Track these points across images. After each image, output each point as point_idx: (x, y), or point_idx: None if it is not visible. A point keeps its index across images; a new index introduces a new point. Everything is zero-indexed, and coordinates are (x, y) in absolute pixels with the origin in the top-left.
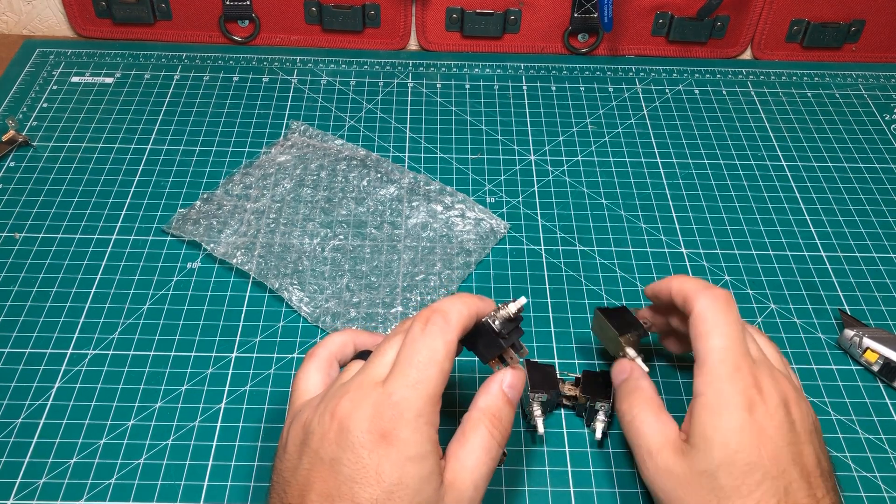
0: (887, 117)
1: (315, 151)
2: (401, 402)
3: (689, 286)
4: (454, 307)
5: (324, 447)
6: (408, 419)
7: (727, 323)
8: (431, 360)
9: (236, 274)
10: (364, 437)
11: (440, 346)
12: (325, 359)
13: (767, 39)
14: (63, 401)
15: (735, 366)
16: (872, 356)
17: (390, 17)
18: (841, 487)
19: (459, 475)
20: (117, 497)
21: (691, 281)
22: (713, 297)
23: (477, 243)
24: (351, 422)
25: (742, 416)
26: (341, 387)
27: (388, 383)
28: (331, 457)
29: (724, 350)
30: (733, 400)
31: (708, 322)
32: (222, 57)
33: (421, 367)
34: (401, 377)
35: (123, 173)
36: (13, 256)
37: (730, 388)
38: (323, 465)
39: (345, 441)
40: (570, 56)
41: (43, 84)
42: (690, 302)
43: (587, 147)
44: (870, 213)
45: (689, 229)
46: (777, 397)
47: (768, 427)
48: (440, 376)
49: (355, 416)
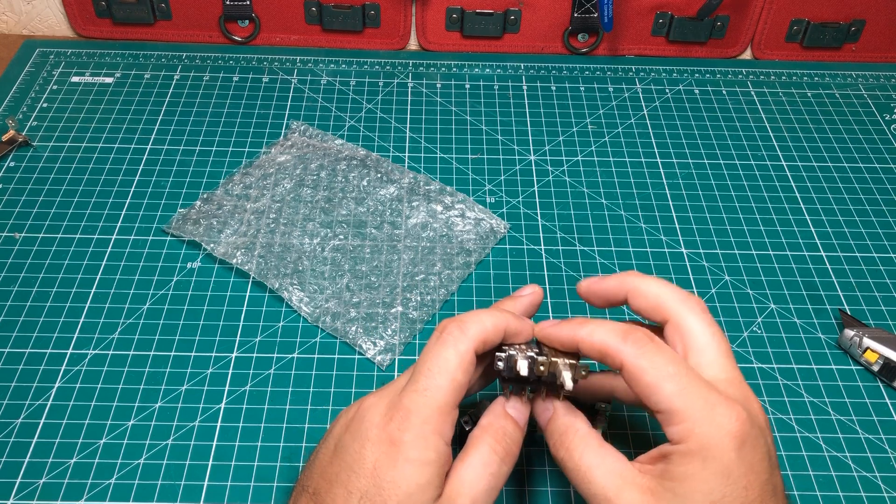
0: (887, 117)
1: (315, 151)
2: (409, 407)
3: (600, 342)
4: (475, 319)
5: (344, 436)
6: (413, 423)
7: (668, 362)
8: (441, 369)
9: (236, 274)
10: (372, 432)
11: (451, 356)
12: None
13: (767, 39)
14: (63, 401)
15: (707, 406)
16: (872, 356)
17: (390, 17)
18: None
19: (456, 489)
20: (117, 497)
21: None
22: (637, 342)
23: (477, 243)
24: (366, 416)
25: (729, 460)
26: (380, 390)
27: (407, 388)
28: (343, 444)
29: (682, 393)
30: (719, 445)
31: (648, 373)
32: (222, 57)
33: (430, 375)
34: (412, 383)
35: (123, 173)
36: (13, 256)
37: (713, 432)
38: (335, 451)
39: (356, 432)
40: (570, 56)
41: (43, 84)
42: (615, 357)
43: (587, 147)
44: (870, 213)
45: (689, 229)
46: (758, 426)
47: (754, 464)
48: (450, 386)
49: (370, 412)
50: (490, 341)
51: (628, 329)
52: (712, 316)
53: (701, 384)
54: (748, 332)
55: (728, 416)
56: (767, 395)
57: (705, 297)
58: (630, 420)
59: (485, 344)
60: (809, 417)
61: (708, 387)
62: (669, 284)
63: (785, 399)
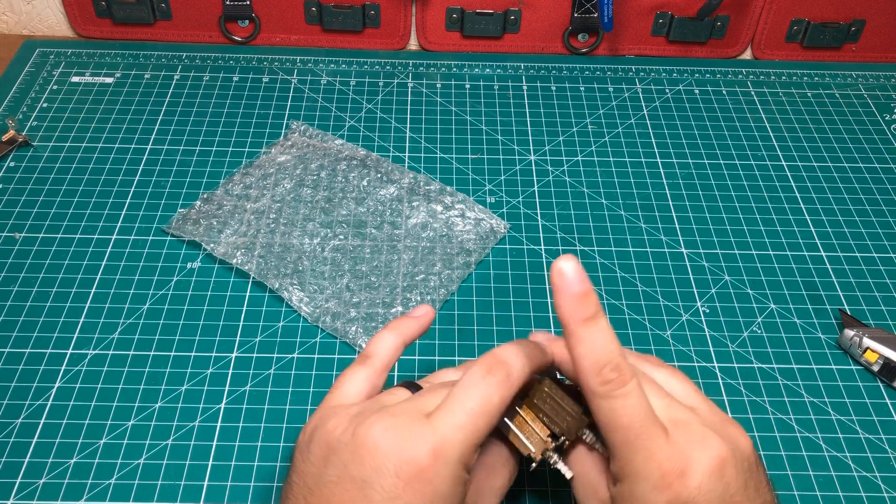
0: (887, 117)
1: (315, 151)
2: (444, 443)
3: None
4: (520, 363)
5: (355, 465)
6: (448, 460)
7: (624, 410)
8: (484, 411)
9: (236, 274)
10: (402, 467)
11: (496, 400)
12: (380, 369)
13: (767, 39)
14: (63, 401)
15: (644, 459)
16: (872, 356)
17: (390, 17)
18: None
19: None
20: (117, 497)
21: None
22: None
23: (477, 243)
24: (390, 449)
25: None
26: (385, 409)
27: (435, 419)
28: (362, 477)
29: (627, 444)
30: (649, 496)
31: (604, 416)
32: (222, 57)
33: (473, 414)
34: (450, 416)
35: (123, 173)
36: (13, 256)
37: (643, 485)
38: (352, 484)
39: (380, 466)
40: (570, 56)
41: (43, 84)
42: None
43: (587, 147)
44: (870, 213)
45: (689, 229)
46: (703, 472)
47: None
48: (487, 428)
49: (395, 445)
50: (528, 378)
51: (609, 365)
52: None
53: (649, 436)
54: (748, 332)
55: (660, 469)
56: (767, 395)
57: (705, 297)
58: None
59: (519, 388)
60: (809, 417)
61: (655, 437)
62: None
63: (785, 399)
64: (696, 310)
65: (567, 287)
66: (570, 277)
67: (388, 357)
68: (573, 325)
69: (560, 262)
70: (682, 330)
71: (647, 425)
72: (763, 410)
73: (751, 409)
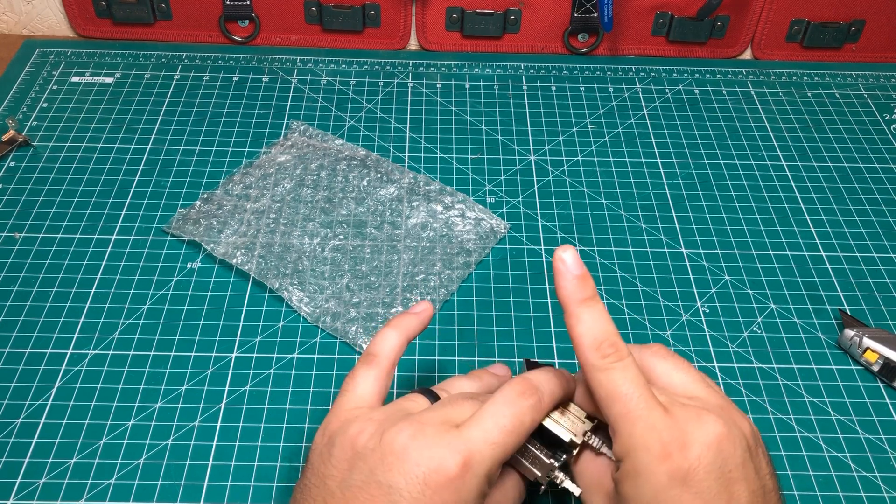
0: (887, 117)
1: (315, 151)
2: (475, 455)
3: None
4: (549, 389)
5: (382, 470)
6: (477, 473)
7: (623, 381)
8: (516, 431)
9: (236, 274)
10: (431, 476)
11: (528, 422)
12: (387, 368)
13: (767, 39)
14: (63, 401)
15: (645, 430)
16: (872, 356)
17: (390, 17)
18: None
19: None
20: (117, 497)
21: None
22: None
23: (477, 243)
24: (420, 455)
25: (662, 483)
26: (412, 416)
27: (468, 430)
28: (388, 483)
29: (626, 416)
30: (648, 469)
31: (602, 388)
32: (222, 57)
33: (505, 432)
34: (482, 431)
35: (123, 173)
36: (13, 256)
37: (645, 457)
38: (379, 489)
39: (410, 473)
40: (570, 56)
41: (43, 84)
42: (579, 357)
43: (587, 147)
44: (870, 213)
45: (689, 229)
46: (700, 447)
47: (694, 484)
48: (515, 448)
49: (426, 452)
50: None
51: (605, 340)
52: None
53: (648, 408)
54: (748, 332)
55: (660, 441)
56: (767, 395)
57: (705, 298)
58: None
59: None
60: (809, 417)
61: (654, 411)
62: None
63: (785, 399)
64: (696, 310)
65: (567, 270)
66: (569, 262)
67: (394, 355)
68: (573, 305)
69: (560, 250)
70: (682, 330)
71: (645, 396)
72: (763, 410)
73: (751, 409)
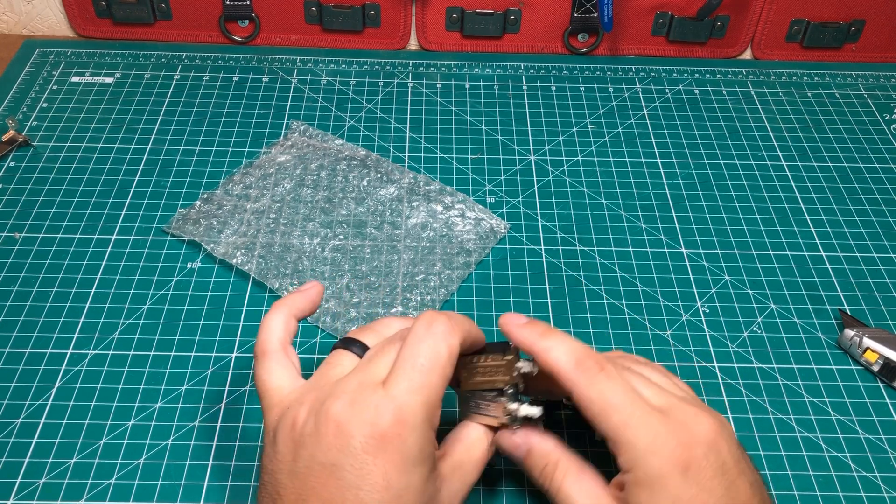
0: (887, 117)
1: (315, 151)
2: (404, 408)
3: (554, 361)
4: (454, 315)
5: (321, 451)
6: (413, 425)
7: (616, 391)
8: (435, 365)
9: (236, 274)
10: (368, 442)
11: (444, 350)
12: (280, 350)
13: (767, 39)
14: (63, 401)
15: (649, 435)
16: (872, 356)
17: (390, 17)
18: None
19: (458, 472)
20: (117, 497)
21: (556, 352)
22: (588, 371)
23: (477, 243)
24: (352, 426)
25: (675, 485)
26: (336, 385)
27: (390, 386)
28: (331, 462)
29: (627, 424)
30: (661, 473)
31: (596, 403)
32: (222, 57)
33: (424, 372)
34: (404, 380)
35: (123, 173)
36: (13, 256)
37: (655, 461)
38: (322, 470)
39: (346, 446)
40: (570, 56)
41: (43, 84)
42: (565, 382)
43: (587, 147)
44: (870, 213)
45: (689, 229)
46: (703, 445)
47: (705, 483)
48: (442, 382)
49: (356, 421)
50: (468, 343)
51: (583, 355)
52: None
53: (646, 414)
54: (748, 332)
55: (669, 444)
56: (767, 395)
57: (705, 298)
58: None
59: (465, 343)
60: (809, 417)
61: (653, 415)
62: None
63: (785, 399)
64: (696, 310)
65: (514, 321)
66: (512, 317)
67: (282, 335)
68: (536, 341)
69: (502, 317)
70: (682, 330)
71: (639, 402)
72: (763, 410)
73: (751, 409)
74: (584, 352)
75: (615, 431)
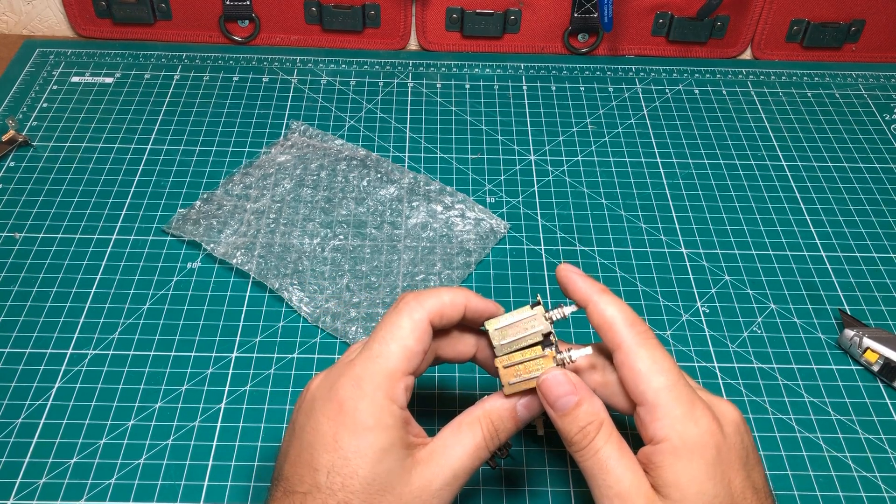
0: (887, 117)
1: (315, 151)
2: (360, 375)
3: (610, 316)
4: (433, 292)
5: (298, 418)
6: (365, 391)
7: (664, 357)
8: (394, 336)
9: (236, 274)
10: (325, 405)
11: (405, 324)
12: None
13: (767, 39)
14: (63, 401)
15: (689, 403)
16: (872, 356)
17: (390, 17)
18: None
19: (438, 458)
20: (117, 497)
21: (613, 308)
22: (642, 333)
23: (477, 243)
24: (316, 392)
25: (712, 457)
26: (344, 363)
27: (356, 358)
28: (300, 425)
29: (672, 389)
30: (700, 442)
31: (644, 361)
32: (222, 57)
33: (383, 342)
34: (365, 351)
35: (123, 173)
36: (13, 256)
37: (694, 429)
38: (294, 434)
39: (310, 410)
40: (570, 56)
41: (43, 84)
42: (615, 336)
43: (587, 147)
44: (870, 213)
45: (689, 229)
46: (732, 425)
47: (734, 462)
48: (402, 352)
49: (320, 388)
50: (448, 315)
51: (637, 318)
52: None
53: (686, 385)
54: (748, 332)
55: (706, 416)
56: (767, 395)
57: (705, 298)
58: None
59: (441, 317)
60: (809, 417)
61: (689, 389)
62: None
63: (785, 399)
64: (696, 310)
65: (576, 271)
66: (570, 267)
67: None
68: (596, 295)
69: (561, 265)
70: (682, 330)
71: (680, 372)
72: (763, 410)
73: (751, 409)
74: (635, 317)
75: (656, 393)
